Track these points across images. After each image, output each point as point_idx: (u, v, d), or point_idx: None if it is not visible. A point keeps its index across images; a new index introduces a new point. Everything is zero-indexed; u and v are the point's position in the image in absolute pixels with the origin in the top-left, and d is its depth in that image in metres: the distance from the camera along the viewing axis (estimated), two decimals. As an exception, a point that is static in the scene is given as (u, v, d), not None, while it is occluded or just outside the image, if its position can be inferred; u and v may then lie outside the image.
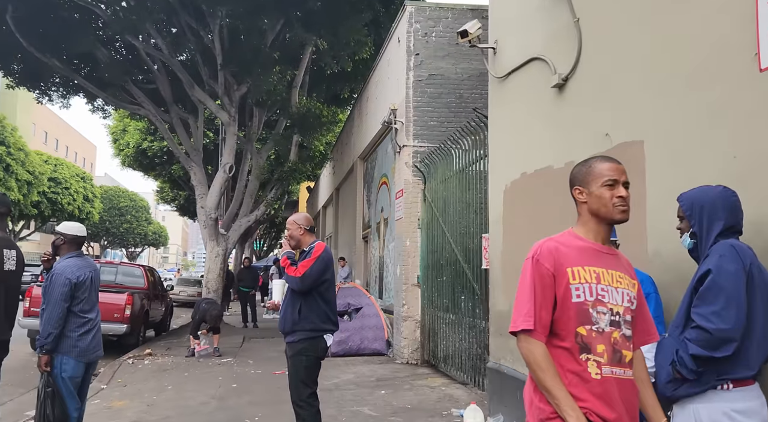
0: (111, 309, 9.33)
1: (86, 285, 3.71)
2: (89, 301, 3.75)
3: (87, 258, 3.87)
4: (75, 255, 3.78)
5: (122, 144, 22.01)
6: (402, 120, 8.23)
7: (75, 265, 3.69)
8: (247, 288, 13.15)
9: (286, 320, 3.80)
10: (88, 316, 3.71)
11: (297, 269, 3.68)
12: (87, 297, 3.71)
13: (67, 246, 3.79)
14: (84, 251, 9.26)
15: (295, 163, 13.21)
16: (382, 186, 10.27)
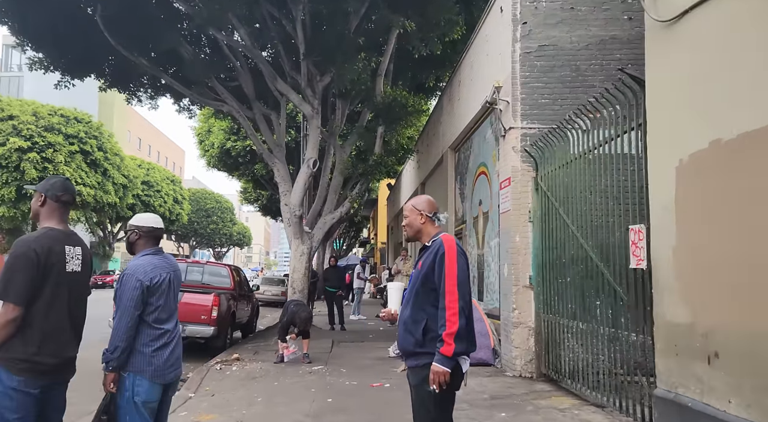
0: (197, 311, 8.97)
1: (162, 290, 3.04)
2: (166, 309, 3.08)
3: (166, 257, 3.22)
4: (151, 253, 3.14)
5: (207, 145, 22.30)
6: (507, 99, 7.23)
7: (149, 264, 3.04)
8: (333, 288, 12.57)
9: (407, 338, 2.87)
10: (164, 327, 3.05)
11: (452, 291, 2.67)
12: (163, 304, 3.05)
13: (143, 241, 3.15)
14: (175, 250, 8.37)
15: (380, 156, 12.48)
16: (479, 176, 9.30)
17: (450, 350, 2.62)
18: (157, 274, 3.02)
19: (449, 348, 2.62)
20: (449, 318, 2.64)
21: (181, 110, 16.02)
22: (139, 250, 3.16)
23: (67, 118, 32.22)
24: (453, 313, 2.65)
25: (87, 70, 12.96)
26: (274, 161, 13.10)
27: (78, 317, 2.80)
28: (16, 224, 31.16)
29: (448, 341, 2.63)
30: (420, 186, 16.04)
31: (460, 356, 2.68)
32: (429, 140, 14.38)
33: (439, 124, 12.94)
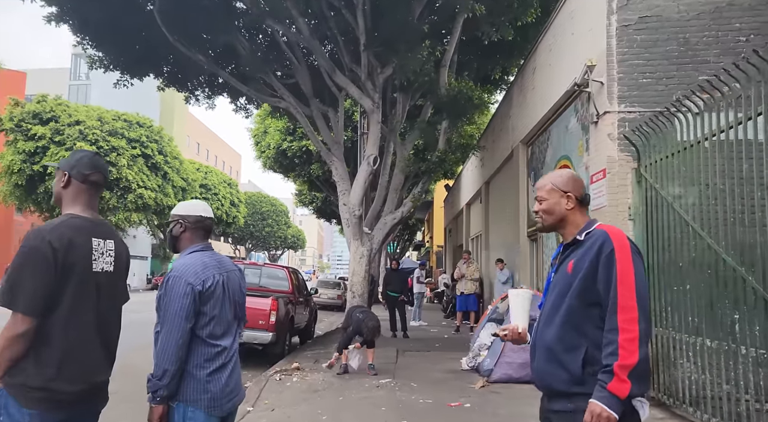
0: (256, 315, 8.46)
1: (217, 296, 2.38)
2: (222, 320, 2.41)
3: (218, 255, 2.57)
4: (200, 249, 2.49)
5: (263, 146, 22.13)
6: (601, 79, 6.33)
7: (200, 264, 2.39)
8: (395, 293, 11.86)
9: (555, 372, 2.04)
10: (221, 344, 2.39)
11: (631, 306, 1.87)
12: (219, 314, 2.39)
13: (190, 234, 2.50)
14: (232, 252, 7.59)
15: (444, 152, 11.69)
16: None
17: (624, 389, 1.83)
18: (209, 276, 2.38)
19: (623, 387, 1.83)
20: (625, 345, 1.84)
21: (238, 109, 15.74)
22: (184, 246, 2.50)
23: (129, 123, 33.05)
24: (631, 339, 1.85)
25: (145, 69, 12.80)
26: (332, 159, 12.55)
27: (110, 331, 2.18)
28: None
29: (621, 376, 1.83)
30: (484, 185, 15.14)
31: (636, 398, 1.88)
32: (495, 136, 13.48)
33: (507, 118, 12.04)
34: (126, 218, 31.48)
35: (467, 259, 12.84)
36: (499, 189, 13.70)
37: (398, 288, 11.96)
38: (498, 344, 6.90)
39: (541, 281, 9.62)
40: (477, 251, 17.26)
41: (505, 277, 11.52)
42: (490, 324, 7.72)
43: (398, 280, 12.09)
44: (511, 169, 11.89)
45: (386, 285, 12.11)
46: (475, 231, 18.05)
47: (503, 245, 12.82)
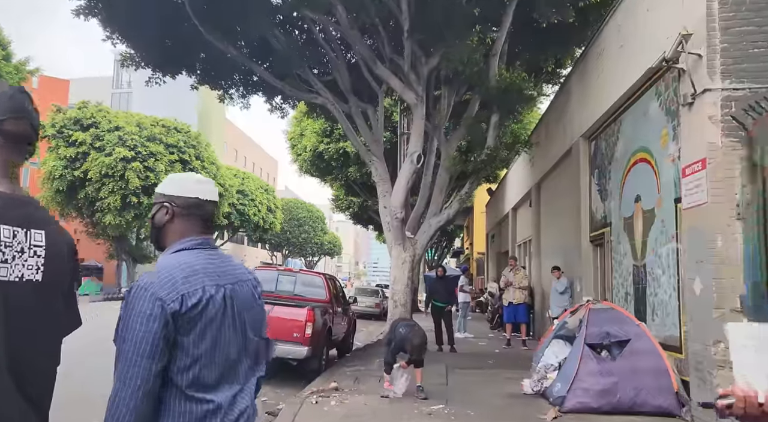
0: (289, 327, 7.64)
1: (208, 320, 1.51)
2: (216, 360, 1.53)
3: (223, 257, 1.71)
4: (193, 247, 1.64)
5: (299, 148, 21.53)
6: (699, 51, 5.27)
7: (184, 269, 1.53)
8: (442, 303, 10.88)
9: None
10: (213, 399, 1.50)
11: None
12: (211, 350, 1.52)
13: (180, 224, 1.67)
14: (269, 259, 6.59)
15: (494, 149, 10.69)
16: (635, 165, 7.30)
17: None
18: (196, 288, 1.51)
19: None
20: None
21: (273, 109, 15.09)
22: (171, 242, 1.67)
23: (167, 128, 33.08)
24: None
25: (178, 66, 12.26)
26: (371, 159, 11.73)
27: (32, 375, 1.32)
28: (122, 232, 32.23)
29: None
30: (534, 187, 14.04)
31: None
32: (548, 132, 12.40)
33: (564, 112, 10.97)
34: (163, 223, 31.43)
35: (513, 266, 11.75)
36: (552, 190, 12.59)
37: (445, 297, 10.97)
38: (571, 365, 5.88)
39: (609, 292, 8.52)
40: (525, 258, 16.12)
41: (563, 287, 10.42)
42: (557, 342, 6.70)
43: (445, 289, 11.10)
44: (568, 168, 10.81)
45: (432, 294, 11.13)
46: (522, 237, 16.92)
47: (559, 251, 11.71)
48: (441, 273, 11.19)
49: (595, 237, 9.12)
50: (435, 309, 10.94)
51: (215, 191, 1.80)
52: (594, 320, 6.11)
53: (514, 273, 11.51)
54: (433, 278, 11.40)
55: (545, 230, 13.42)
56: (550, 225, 12.86)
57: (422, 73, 10.49)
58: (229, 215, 42.51)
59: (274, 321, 7.65)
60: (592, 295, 9.16)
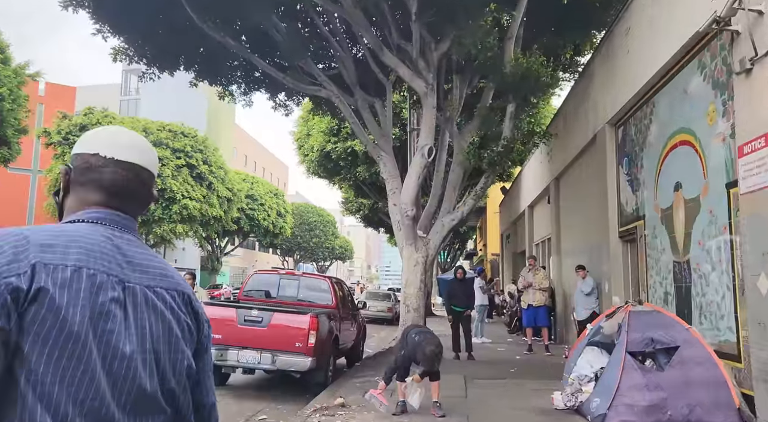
0: (291, 336, 6.93)
1: (74, 323, 0.84)
2: (70, 397, 0.82)
3: (135, 242, 1.07)
4: (86, 220, 1.03)
5: (306, 149, 20.89)
6: (760, 7, 4.49)
7: (57, 233, 0.94)
8: (461, 307, 10.11)
9: None
10: None
11: None
12: (65, 376, 0.82)
13: (75, 192, 1.09)
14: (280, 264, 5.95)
15: (511, 140, 9.91)
16: (674, 150, 6.50)
17: None
18: (66, 263, 0.89)
19: None
20: None
21: (277, 106, 14.44)
22: (67, 214, 1.09)
23: (174, 133, 32.65)
24: None
25: (174, 60, 11.63)
26: (379, 154, 11.02)
27: None
28: (129, 238, 31.81)
29: None
30: (553, 182, 13.24)
31: None
32: (568, 122, 11.61)
33: (586, 99, 10.19)
34: (171, 230, 30.93)
35: (533, 266, 10.92)
36: (573, 184, 11.79)
37: (464, 301, 10.13)
38: (611, 376, 5.10)
39: (643, 292, 7.70)
40: (544, 257, 15.30)
41: (589, 287, 9.61)
42: (592, 349, 5.91)
43: (464, 292, 10.24)
44: (592, 159, 10.02)
45: (450, 298, 10.35)
46: (540, 236, 16.10)
47: (583, 249, 10.91)
48: (461, 276, 10.38)
49: (626, 232, 8.32)
50: (454, 314, 10.19)
51: (131, 145, 1.11)
52: (635, 324, 5.31)
53: (534, 274, 10.70)
54: (452, 281, 10.62)
55: (566, 227, 12.62)
56: (572, 222, 12.06)
57: (432, 60, 9.77)
58: (238, 220, 42.01)
59: (275, 330, 6.96)
60: (623, 298, 8.35)
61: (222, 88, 13.24)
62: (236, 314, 7.04)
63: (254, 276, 8.78)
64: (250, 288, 8.62)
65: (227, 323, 7.03)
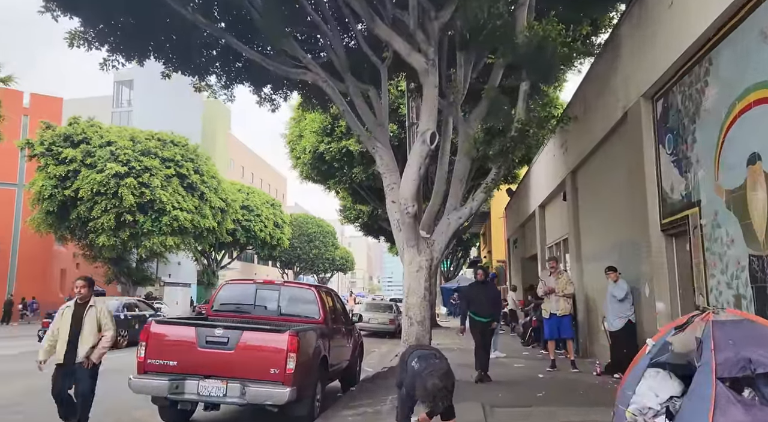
0: (264, 360, 5.52)
1: None
2: None
3: None
4: None
5: (299, 151, 19.54)
6: None
7: None
8: (485, 317, 8.20)
9: None
10: None
11: None
12: None
13: None
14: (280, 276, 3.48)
15: (526, 122, 8.52)
16: (745, 113, 5.12)
17: None
18: None
19: None
20: None
21: (262, 101, 13.08)
22: None
23: (163, 142, 31.34)
24: None
25: (141, 46, 10.29)
26: (375, 146, 9.64)
27: None
28: (118, 253, 30.35)
29: None
30: (569, 175, 11.85)
31: None
32: (588, 105, 10.24)
33: (611, 74, 8.84)
34: (161, 242, 29.49)
35: (554, 269, 9.42)
36: (595, 175, 10.41)
37: (488, 309, 8.15)
38: (696, 413, 3.66)
39: (703, 295, 6.27)
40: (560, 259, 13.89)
41: (623, 292, 8.19)
42: (655, 373, 4.46)
43: (487, 298, 8.27)
44: (619, 142, 8.65)
45: (470, 305, 8.44)
46: (554, 237, 14.68)
47: (610, 248, 9.50)
48: (482, 277, 8.58)
49: (671, 224, 6.91)
50: (475, 324, 8.30)
51: None
52: (722, 340, 3.88)
53: (556, 278, 9.24)
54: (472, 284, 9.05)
55: (587, 225, 11.21)
56: (594, 218, 10.66)
57: (432, 31, 8.43)
58: (234, 232, 40.56)
59: (244, 353, 5.55)
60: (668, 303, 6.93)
61: (198, 81, 11.91)
62: (196, 334, 5.62)
63: (225, 288, 7.33)
64: (222, 302, 7.18)
65: (185, 346, 5.61)
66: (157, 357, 5.57)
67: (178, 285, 43.29)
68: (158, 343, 5.61)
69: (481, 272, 8.75)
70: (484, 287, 8.52)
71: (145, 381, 5.51)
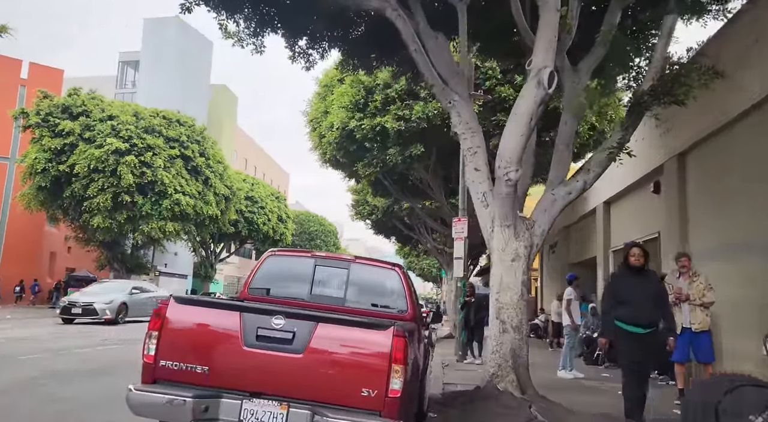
0: (353, 374, 3.34)
1: None
2: None
3: None
4: None
5: (324, 128, 17.33)
6: None
7: None
8: (643, 326, 5.17)
9: None
10: None
11: None
12: None
13: None
14: None
15: (682, 64, 6.34)
16: None
17: None
18: None
19: None
20: None
21: (296, 56, 10.86)
22: None
23: (169, 120, 29.12)
24: None
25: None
26: (452, 99, 7.48)
27: None
28: (113, 236, 28.03)
29: None
30: (673, 160, 9.69)
31: None
32: (734, 55, 8.07)
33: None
34: (160, 228, 27.19)
35: (686, 269, 7.14)
36: (723, 157, 8.25)
37: (647, 312, 5.18)
38: None
39: None
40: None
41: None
42: None
43: (645, 294, 5.22)
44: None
45: (616, 304, 5.33)
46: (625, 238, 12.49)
47: (744, 247, 7.34)
48: (639, 261, 5.37)
49: None
50: (625, 339, 5.26)
51: None
52: None
53: (689, 282, 7.00)
54: (618, 275, 5.60)
55: (699, 220, 9.05)
56: (716, 212, 8.51)
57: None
58: (235, 223, 38.29)
59: (320, 359, 3.35)
60: None
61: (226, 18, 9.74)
62: (241, 324, 3.42)
63: (270, 261, 5.07)
64: (261, 279, 4.97)
65: (222, 341, 3.42)
66: (175, 357, 3.37)
67: (174, 276, 40.91)
68: (179, 335, 3.42)
69: (637, 253, 5.39)
70: (641, 278, 5.38)
71: (155, 397, 3.28)
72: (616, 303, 5.25)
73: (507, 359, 6.27)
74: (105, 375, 7.26)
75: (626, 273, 5.39)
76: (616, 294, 5.31)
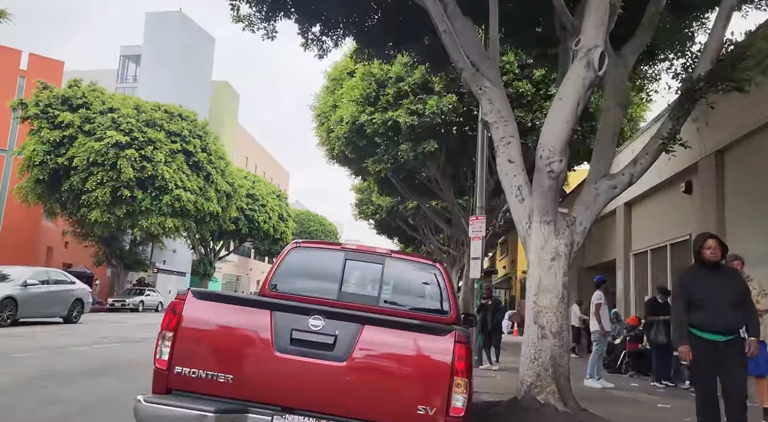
0: (407, 387, 2.74)
1: None
2: None
3: None
4: None
5: (332, 122, 16.75)
6: None
7: None
8: (724, 333, 4.34)
9: None
10: None
11: None
12: None
13: None
14: None
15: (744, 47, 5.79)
16: None
17: None
18: None
19: None
20: None
21: (309, 43, 10.30)
22: None
23: (170, 114, 28.54)
24: None
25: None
26: (482, 85, 6.89)
27: None
28: (111, 231, 27.42)
29: None
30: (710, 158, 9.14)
31: None
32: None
33: None
34: (160, 223, 26.57)
35: (738, 268, 6.50)
36: None
37: (733, 318, 4.37)
38: None
39: None
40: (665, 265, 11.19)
41: None
42: None
43: (728, 294, 4.40)
44: None
45: (690, 306, 4.48)
46: (653, 241, 11.97)
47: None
48: (716, 254, 4.53)
49: None
50: (699, 347, 4.40)
51: None
52: None
53: (758, 290, 6.40)
54: (693, 273, 4.66)
55: (738, 222, 8.50)
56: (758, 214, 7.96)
57: None
58: (236, 220, 37.67)
59: (367, 368, 2.76)
60: None
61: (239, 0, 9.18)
62: (272, 324, 2.84)
63: (294, 253, 4.47)
64: (283, 275, 4.38)
65: (250, 345, 2.84)
66: (193, 363, 2.79)
67: (172, 273, 40.28)
68: (198, 337, 2.83)
69: (711, 250, 4.51)
70: (717, 275, 4.54)
71: (170, 411, 2.70)
72: (689, 304, 4.53)
73: (547, 368, 5.69)
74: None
75: (700, 270, 4.61)
76: (689, 295, 4.58)
